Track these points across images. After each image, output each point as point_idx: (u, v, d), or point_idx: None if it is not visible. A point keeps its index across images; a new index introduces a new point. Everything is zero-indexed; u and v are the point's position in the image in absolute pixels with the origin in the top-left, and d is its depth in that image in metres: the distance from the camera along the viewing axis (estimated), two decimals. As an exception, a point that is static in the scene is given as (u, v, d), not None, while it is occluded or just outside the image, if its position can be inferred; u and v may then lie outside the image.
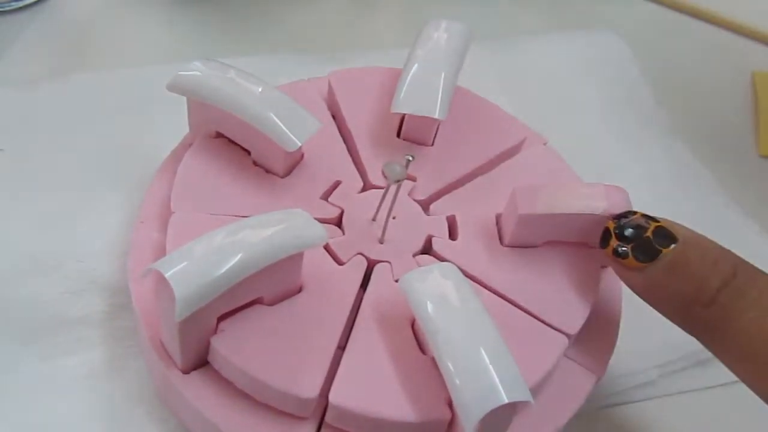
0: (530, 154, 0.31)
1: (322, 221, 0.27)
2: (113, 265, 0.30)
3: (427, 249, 0.28)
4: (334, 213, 0.28)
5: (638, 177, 0.36)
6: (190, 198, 0.27)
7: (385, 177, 0.26)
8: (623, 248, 0.25)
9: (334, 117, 0.31)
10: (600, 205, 0.26)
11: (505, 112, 0.33)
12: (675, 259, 0.24)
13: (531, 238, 0.28)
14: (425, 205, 0.29)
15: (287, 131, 0.27)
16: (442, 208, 0.29)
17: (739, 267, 0.23)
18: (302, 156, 0.29)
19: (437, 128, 0.31)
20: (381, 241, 0.27)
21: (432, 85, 0.29)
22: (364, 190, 0.29)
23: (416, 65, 0.30)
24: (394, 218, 0.28)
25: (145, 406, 0.27)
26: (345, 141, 0.30)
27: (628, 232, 0.25)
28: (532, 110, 0.37)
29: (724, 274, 0.23)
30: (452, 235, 0.28)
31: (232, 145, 0.29)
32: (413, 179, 0.29)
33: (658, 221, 0.25)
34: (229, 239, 0.24)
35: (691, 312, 0.23)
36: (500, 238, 0.28)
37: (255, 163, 0.29)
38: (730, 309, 0.22)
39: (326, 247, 0.27)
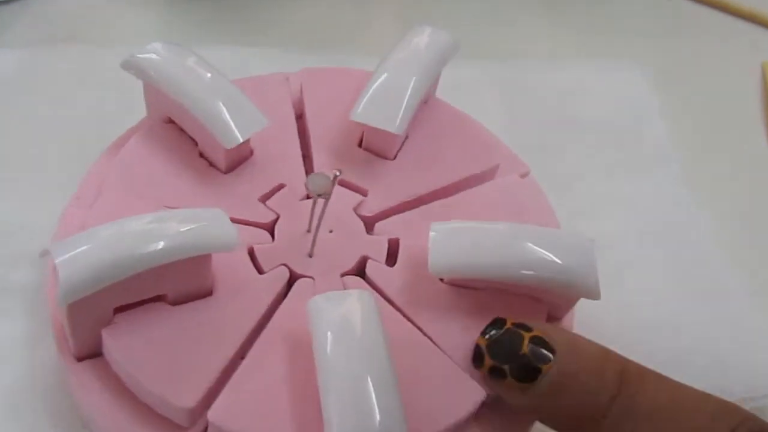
0: (501, 183, 0.29)
1: (254, 225, 0.27)
2: (48, 239, 0.29)
3: (359, 270, 0.27)
4: (268, 217, 0.27)
5: (633, 218, 0.34)
6: (125, 181, 0.27)
7: (307, 189, 0.24)
8: (500, 368, 0.23)
9: (299, 116, 0.30)
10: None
11: (487, 133, 0.31)
12: (558, 377, 0.23)
13: (473, 280, 0.26)
14: (370, 223, 0.28)
15: (228, 126, 0.26)
16: (387, 228, 0.28)
17: (625, 373, 0.22)
18: (251, 153, 0.28)
19: (403, 142, 0.29)
20: (310, 255, 0.26)
21: (396, 96, 0.28)
22: (308, 197, 0.28)
23: (386, 73, 0.28)
24: (330, 232, 0.27)
25: (46, 384, 0.26)
26: (301, 143, 0.29)
27: (502, 350, 0.23)
28: (533, 135, 0.36)
29: (611, 386, 0.22)
30: (391, 260, 0.27)
31: (181, 134, 0.28)
32: (363, 193, 0.28)
33: (531, 329, 0.23)
34: (134, 230, 0.23)
35: (584, 428, 0.22)
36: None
37: (201, 155, 0.28)
38: (623, 421, 0.22)
39: (250, 253, 0.26)
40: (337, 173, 0.24)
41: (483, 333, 0.24)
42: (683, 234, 0.34)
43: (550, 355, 0.23)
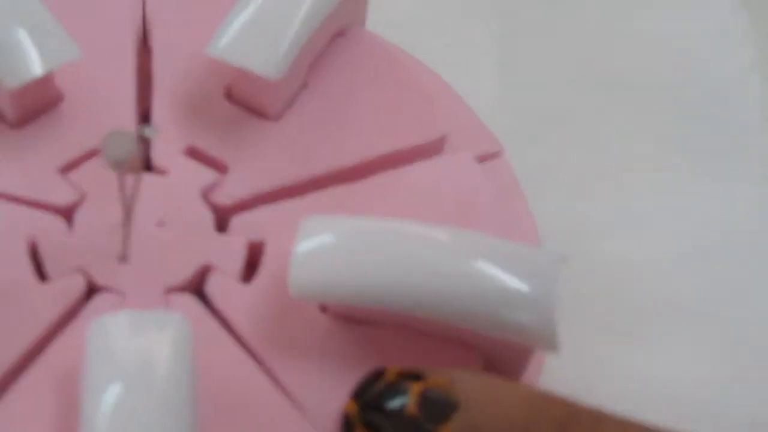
0: (443, 165, 0.28)
1: (43, 207, 0.27)
2: None
3: (196, 286, 0.26)
4: (67, 198, 0.27)
5: (694, 240, 0.33)
6: None
7: (103, 155, 0.23)
8: None
9: (145, 49, 0.30)
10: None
11: (440, 86, 0.31)
12: None
13: (371, 311, 0.25)
14: (226, 215, 0.27)
15: (14, 55, 0.26)
16: (250, 225, 0.27)
17: (571, 423, 0.23)
18: (59, 100, 0.28)
19: (297, 93, 0.29)
20: (123, 259, 0.26)
21: (279, 21, 0.27)
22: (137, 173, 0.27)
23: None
24: (160, 225, 0.26)
25: None
26: (142, 90, 0.29)
27: (380, 413, 0.23)
28: (542, 96, 0.35)
29: None
30: (249, 273, 0.26)
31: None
32: (221, 169, 0.28)
33: (423, 377, 0.23)
34: None
35: None
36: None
37: (-17, 100, 0.28)
38: None
39: (32, 248, 0.26)
40: (146, 132, 0.23)
41: (354, 394, 0.23)
42: None
43: (453, 409, 0.23)
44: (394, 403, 0.23)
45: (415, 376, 0.23)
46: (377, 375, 0.24)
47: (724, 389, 0.30)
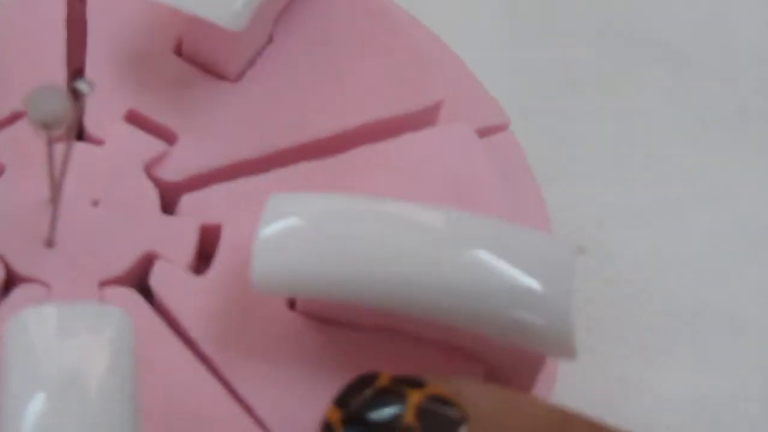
0: (436, 137, 0.29)
1: None
2: None
3: (138, 278, 0.26)
4: None
5: (734, 235, 0.34)
6: None
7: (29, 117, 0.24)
8: None
9: None
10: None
11: (435, 44, 0.32)
12: None
13: (350, 309, 0.25)
14: (174, 193, 0.28)
15: None
16: (203, 205, 0.28)
17: None
18: None
19: (261, 50, 0.29)
20: (49, 244, 0.26)
21: None
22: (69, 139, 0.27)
23: None
24: (95, 205, 0.27)
25: None
26: (70, 43, 0.29)
27: (371, 425, 0.23)
28: (559, 59, 0.36)
29: None
30: (202, 263, 0.27)
31: None
32: (169, 140, 0.28)
33: (423, 384, 0.23)
34: None
35: None
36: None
37: None
38: None
39: None
40: (80, 87, 0.23)
41: (337, 400, 0.23)
42: None
43: (458, 423, 0.23)
44: (387, 413, 0.23)
45: (414, 384, 0.23)
46: (367, 379, 0.24)
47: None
